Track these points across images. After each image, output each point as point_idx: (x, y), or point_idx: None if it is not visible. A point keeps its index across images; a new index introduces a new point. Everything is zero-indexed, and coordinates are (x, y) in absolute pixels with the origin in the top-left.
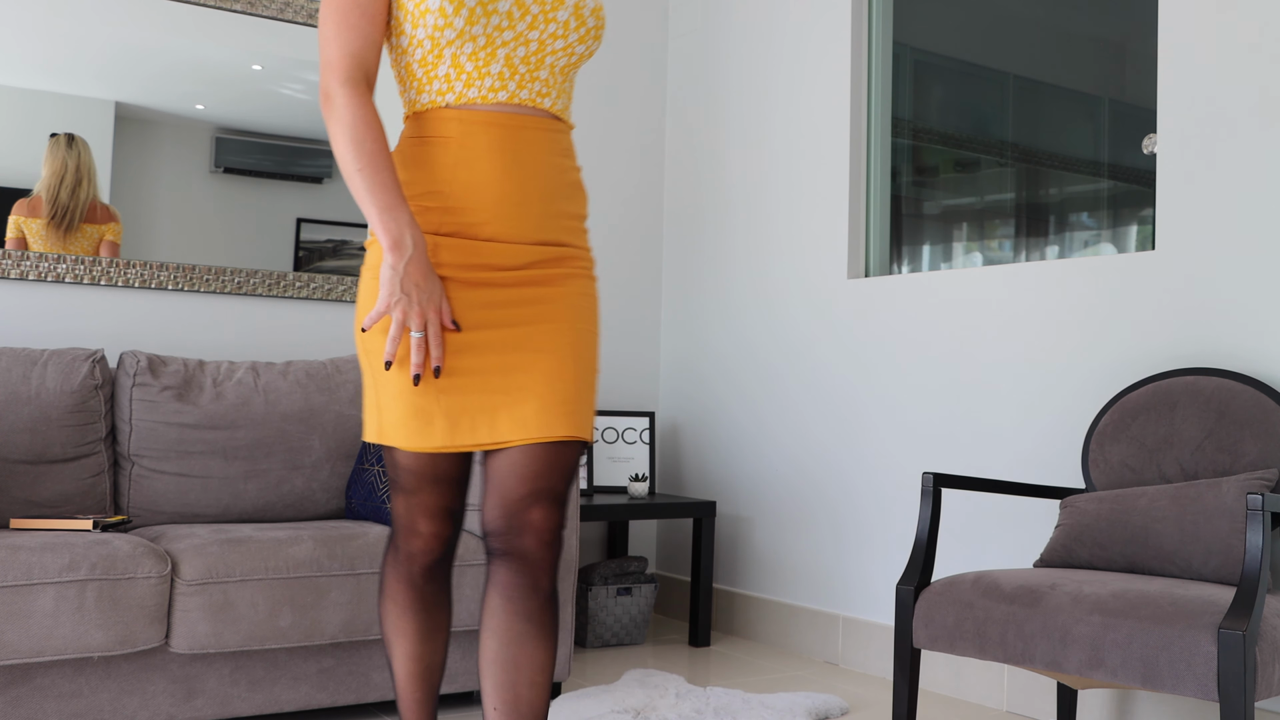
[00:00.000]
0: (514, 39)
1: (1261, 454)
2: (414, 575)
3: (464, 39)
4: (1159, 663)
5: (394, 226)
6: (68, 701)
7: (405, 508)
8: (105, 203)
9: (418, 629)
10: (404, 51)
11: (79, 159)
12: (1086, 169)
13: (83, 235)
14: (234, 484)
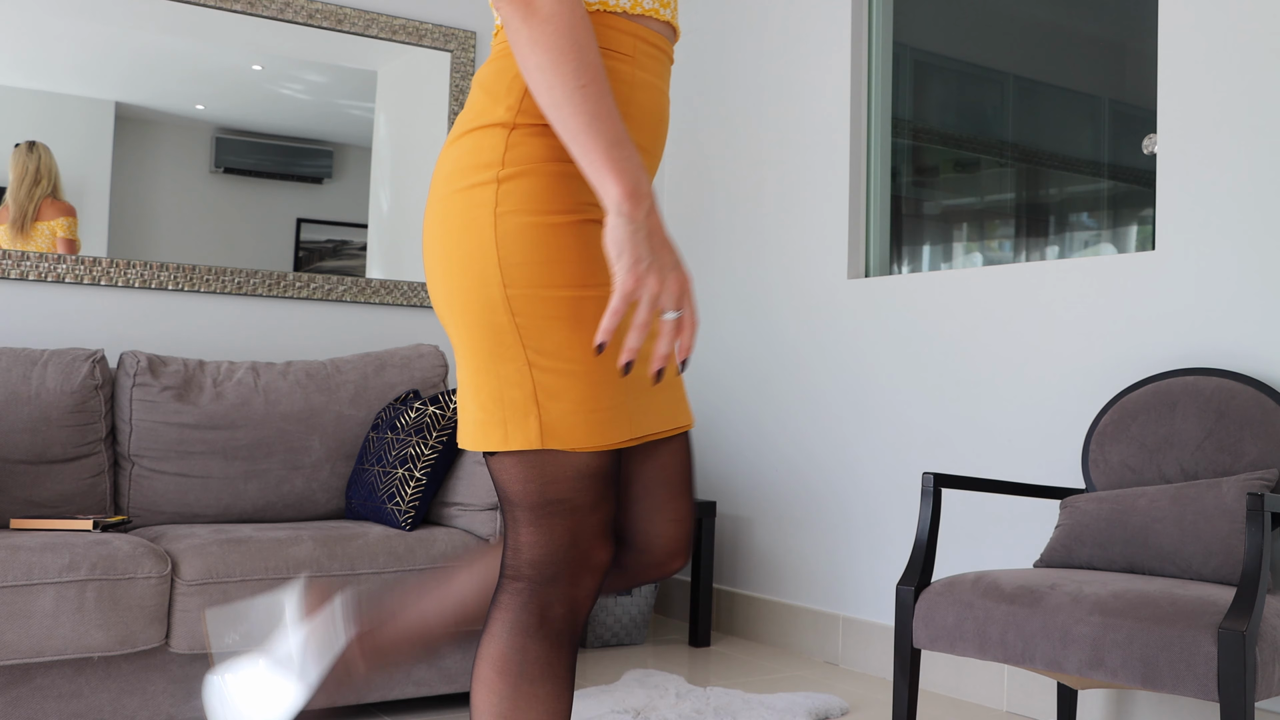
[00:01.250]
0: None
1: (1261, 454)
2: (575, 631)
3: None
4: (1159, 663)
5: (629, 166)
6: (68, 702)
7: (577, 535)
8: (62, 199)
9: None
10: None
11: (39, 161)
12: (1086, 169)
13: (37, 233)
14: (234, 484)
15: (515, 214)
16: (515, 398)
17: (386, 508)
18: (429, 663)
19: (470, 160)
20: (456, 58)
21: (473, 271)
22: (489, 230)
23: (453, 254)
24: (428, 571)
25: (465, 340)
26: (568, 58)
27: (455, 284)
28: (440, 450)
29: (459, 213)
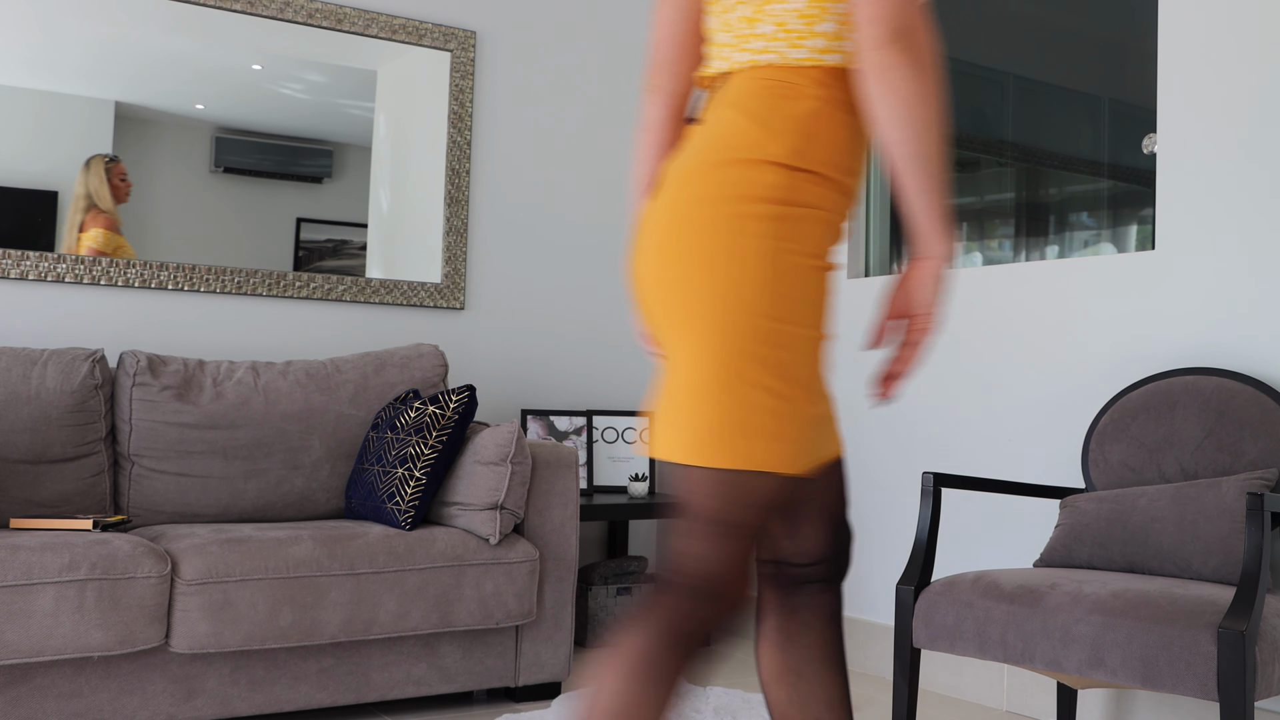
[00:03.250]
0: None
1: (1261, 454)
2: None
3: None
4: (1159, 662)
5: (947, 218)
6: (67, 701)
7: (747, 557)
8: (107, 211)
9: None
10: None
11: (87, 177)
12: (1086, 169)
13: (80, 245)
14: (234, 484)
15: (794, 254)
16: (745, 420)
17: (386, 507)
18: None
19: (742, 191)
20: (456, 57)
21: (734, 296)
22: (765, 264)
23: (710, 273)
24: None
25: (703, 356)
26: (938, 118)
27: (706, 302)
28: (440, 450)
29: (725, 236)
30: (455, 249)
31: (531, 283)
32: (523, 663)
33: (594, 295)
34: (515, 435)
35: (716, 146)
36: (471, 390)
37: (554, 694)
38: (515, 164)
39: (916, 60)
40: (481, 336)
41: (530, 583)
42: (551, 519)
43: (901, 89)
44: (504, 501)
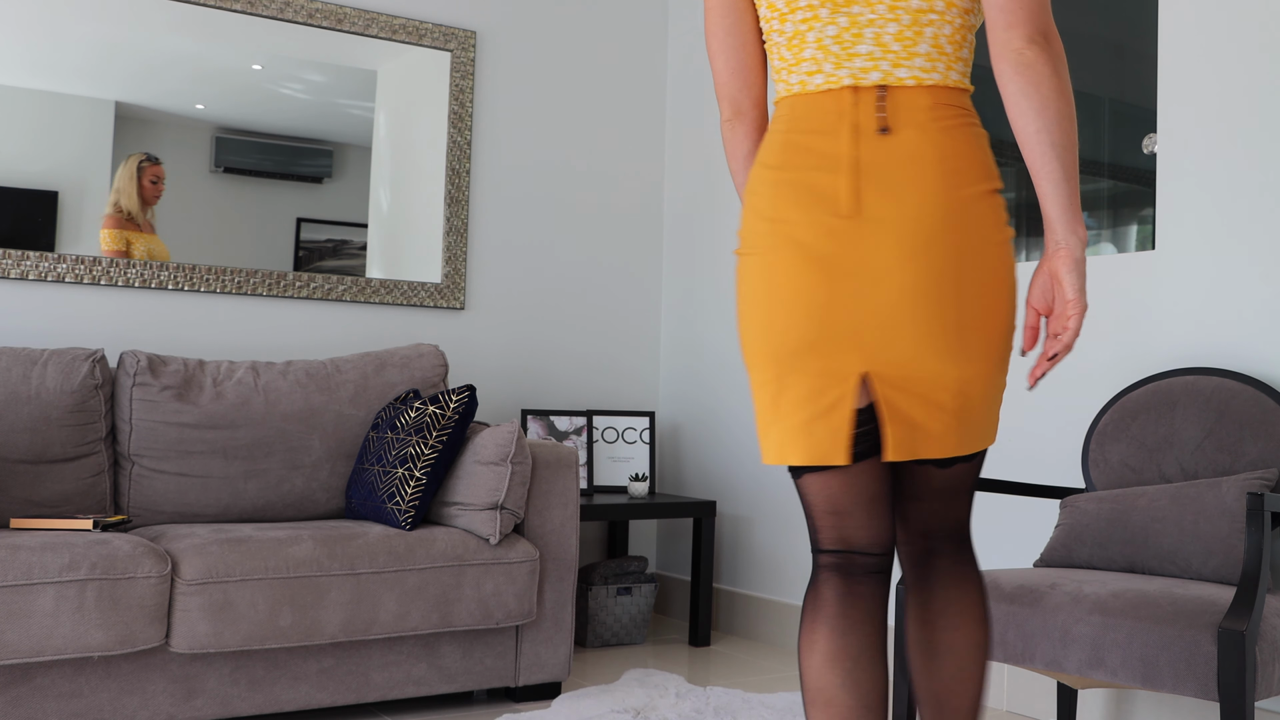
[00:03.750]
0: None
1: (1261, 454)
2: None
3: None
4: (1159, 662)
5: (1080, 208)
6: (68, 701)
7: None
8: (117, 212)
9: None
10: (970, 13)
11: (115, 178)
12: (1086, 169)
13: (101, 243)
14: (234, 484)
15: (1014, 266)
16: (998, 403)
17: (386, 507)
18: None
19: (998, 218)
20: (456, 57)
21: (1007, 308)
22: (1013, 279)
23: (1007, 287)
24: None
25: (994, 358)
26: (1073, 113)
27: (994, 314)
28: (440, 450)
29: (999, 261)
30: (455, 249)
31: (531, 283)
32: (523, 663)
33: (594, 295)
34: (515, 435)
35: (972, 172)
36: (471, 390)
37: (554, 694)
38: (515, 164)
39: (1056, 58)
40: (481, 336)
41: (530, 583)
42: (551, 519)
43: (1044, 84)
44: (504, 501)
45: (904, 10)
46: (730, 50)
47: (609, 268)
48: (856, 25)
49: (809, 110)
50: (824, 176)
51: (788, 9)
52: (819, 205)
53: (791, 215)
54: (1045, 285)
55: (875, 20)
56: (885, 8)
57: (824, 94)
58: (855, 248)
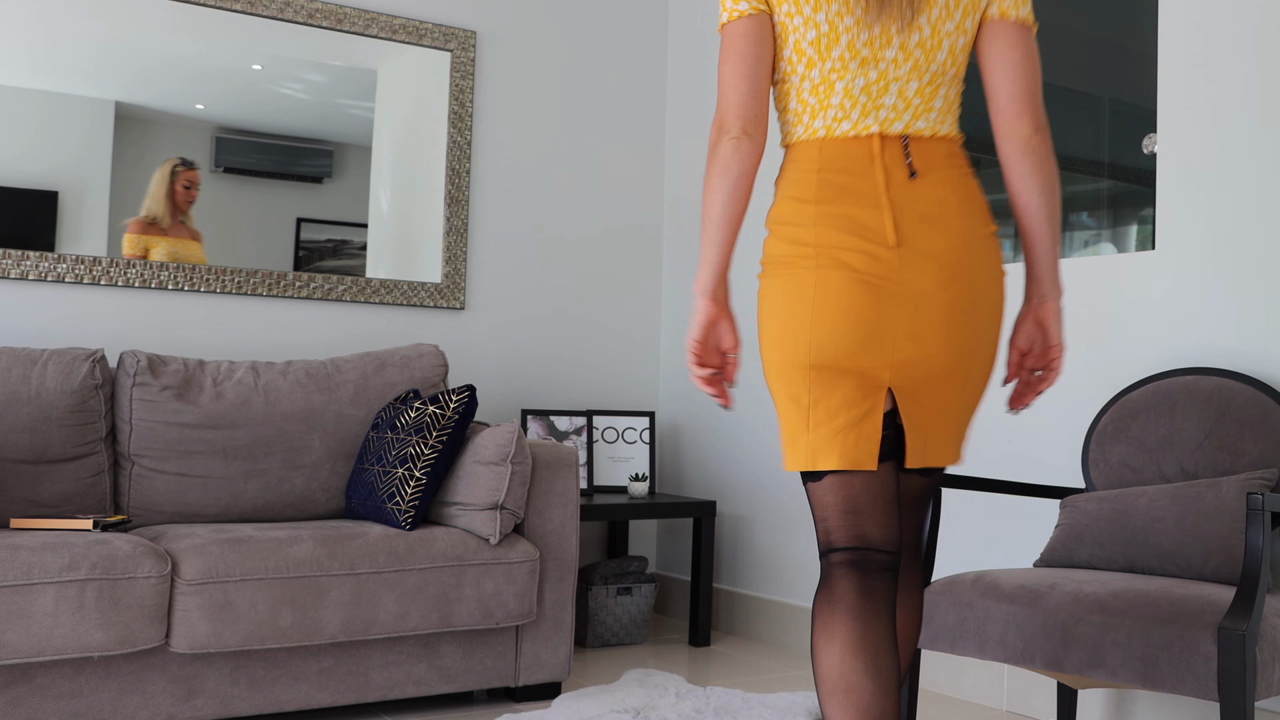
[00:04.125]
0: None
1: (1262, 453)
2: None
3: None
4: (1159, 662)
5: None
6: (68, 701)
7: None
8: (142, 217)
9: None
10: (962, 77)
11: (148, 183)
12: (1086, 169)
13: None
14: (234, 484)
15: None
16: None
17: (386, 507)
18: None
19: (1000, 257)
20: (456, 57)
21: (998, 339)
22: (1003, 315)
23: (996, 323)
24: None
25: (986, 382)
26: (1060, 192)
27: (993, 343)
28: (440, 450)
29: (1000, 296)
30: (455, 249)
31: (531, 283)
32: (523, 663)
33: (594, 295)
34: (515, 435)
35: (985, 216)
36: (471, 390)
37: (554, 694)
38: (515, 164)
39: (1050, 143)
40: (481, 336)
41: (530, 583)
42: (551, 519)
43: (1045, 166)
44: (504, 501)
45: (924, 70)
46: (754, 77)
47: (609, 268)
48: (884, 79)
49: (839, 153)
50: (865, 211)
51: (819, 58)
52: (865, 235)
53: (840, 241)
54: (1030, 331)
55: (900, 77)
56: (909, 67)
57: (853, 140)
58: (899, 273)
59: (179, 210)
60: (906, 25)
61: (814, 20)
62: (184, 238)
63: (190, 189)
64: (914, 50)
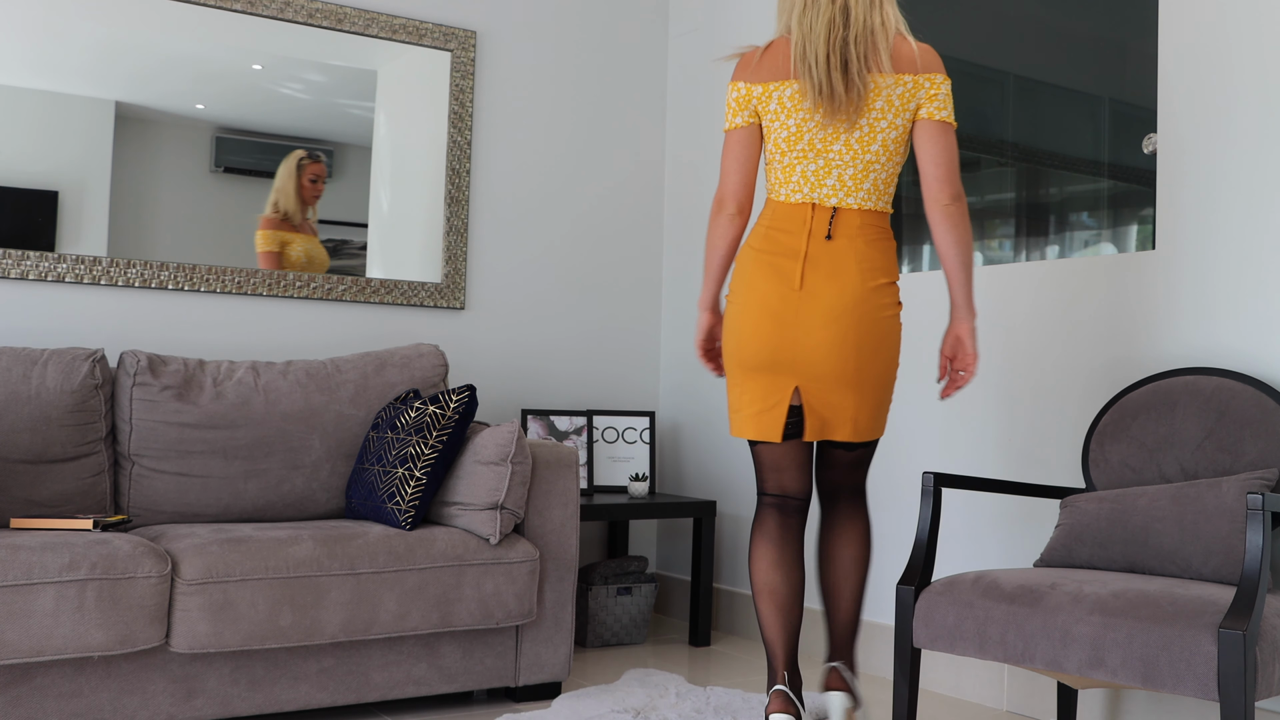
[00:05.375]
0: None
1: (1262, 453)
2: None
3: None
4: (1159, 662)
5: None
6: (67, 701)
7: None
8: (272, 213)
9: None
10: (897, 162)
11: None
12: (1087, 169)
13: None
14: (234, 484)
15: (900, 330)
16: (885, 413)
17: (386, 507)
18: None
19: (891, 300)
20: (457, 57)
21: (896, 353)
22: (896, 336)
23: (891, 344)
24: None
25: (880, 390)
26: (971, 236)
27: (882, 361)
28: (440, 450)
29: (891, 329)
30: (455, 249)
31: (531, 283)
32: (523, 663)
33: (594, 295)
34: (515, 435)
35: (877, 271)
36: (471, 390)
37: (554, 694)
38: (515, 164)
39: (965, 210)
40: (481, 336)
41: (530, 583)
42: (551, 519)
43: (958, 226)
44: (504, 501)
45: (859, 160)
46: (746, 170)
47: (609, 268)
48: (829, 165)
49: (785, 215)
50: (786, 261)
51: (788, 148)
52: (780, 280)
53: (763, 284)
54: (953, 342)
55: (840, 165)
56: (849, 156)
57: (795, 206)
58: (798, 311)
59: (306, 205)
60: (851, 126)
61: (786, 124)
62: (310, 234)
63: (316, 183)
64: (854, 144)
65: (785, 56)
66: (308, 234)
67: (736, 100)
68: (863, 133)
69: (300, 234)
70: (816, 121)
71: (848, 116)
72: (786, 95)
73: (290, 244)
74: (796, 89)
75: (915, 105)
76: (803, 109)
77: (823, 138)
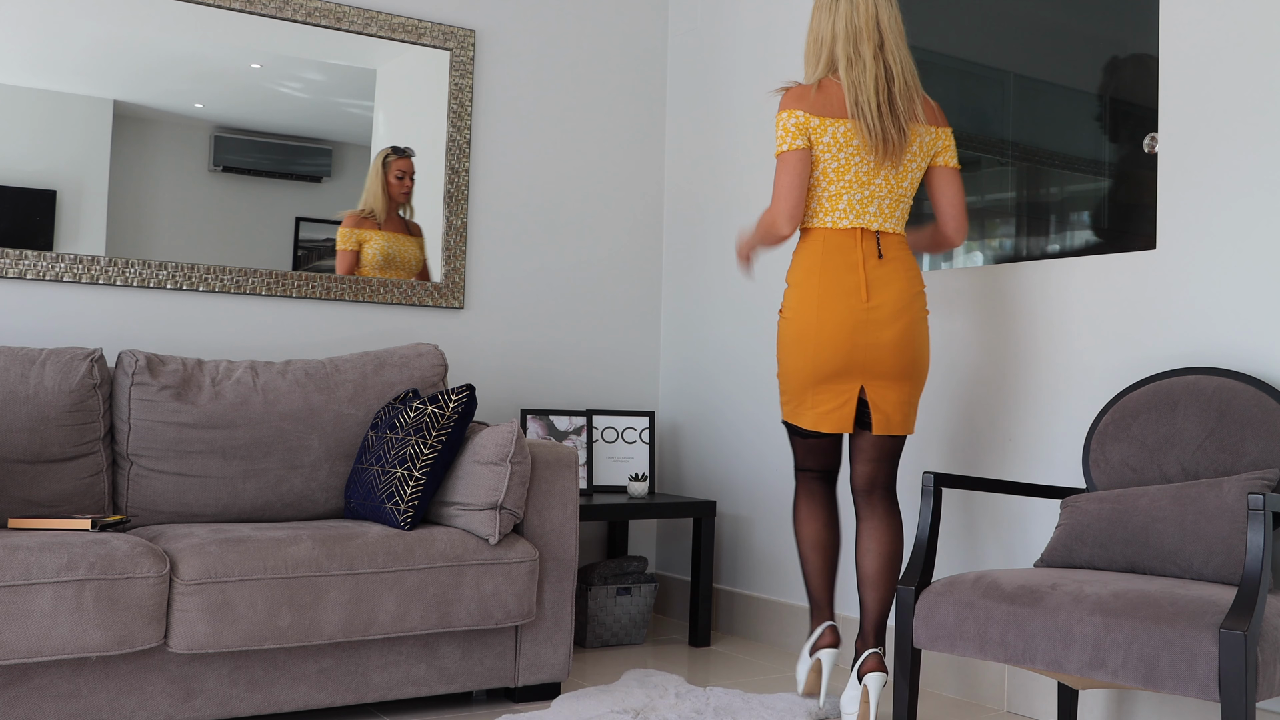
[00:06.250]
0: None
1: (1263, 453)
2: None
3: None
4: (1160, 663)
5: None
6: (66, 702)
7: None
8: (354, 210)
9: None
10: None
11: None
12: (1087, 169)
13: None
14: (232, 483)
15: (928, 333)
16: (917, 408)
17: (385, 507)
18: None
19: (925, 305)
20: (456, 56)
21: (927, 354)
22: (928, 338)
23: (927, 340)
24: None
25: (921, 384)
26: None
27: (923, 358)
28: (440, 450)
29: (925, 328)
30: (455, 249)
31: (531, 282)
32: (522, 663)
33: (594, 295)
34: (515, 435)
35: (915, 280)
36: (471, 390)
37: (553, 694)
38: (515, 163)
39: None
40: (481, 336)
41: (530, 583)
42: (551, 519)
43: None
44: (503, 501)
45: (894, 192)
46: (801, 189)
47: (609, 267)
48: (872, 197)
49: (839, 240)
50: (850, 277)
51: (837, 178)
52: (849, 295)
53: (834, 302)
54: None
55: (880, 196)
56: (886, 190)
57: (846, 231)
58: (867, 320)
59: (394, 203)
60: (891, 166)
61: (837, 156)
62: (399, 232)
63: (403, 179)
64: (891, 180)
65: (838, 99)
66: (395, 231)
67: (796, 125)
68: (899, 171)
69: (382, 232)
70: (863, 158)
71: (891, 159)
72: (840, 132)
73: (368, 243)
74: (848, 128)
75: (934, 152)
76: (852, 145)
77: (867, 171)
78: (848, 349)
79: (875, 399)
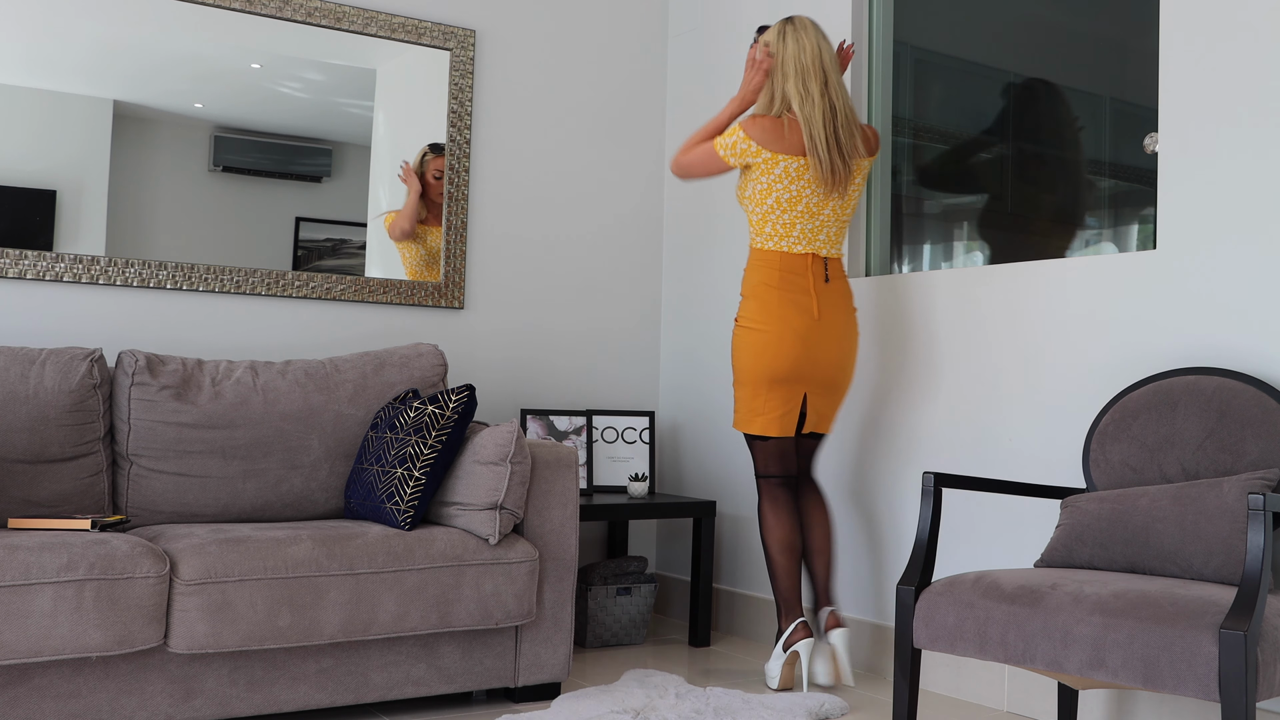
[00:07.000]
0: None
1: (1263, 454)
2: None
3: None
4: (1160, 663)
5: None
6: (66, 702)
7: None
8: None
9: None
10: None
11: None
12: (1087, 169)
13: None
14: (232, 483)
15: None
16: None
17: (385, 507)
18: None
19: (857, 320)
20: (456, 56)
21: (854, 365)
22: (857, 350)
23: (854, 358)
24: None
25: (848, 385)
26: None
27: (852, 369)
28: (439, 450)
29: (855, 342)
30: (454, 248)
31: (531, 282)
32: (522, 663)
33: (594, 295)
34: (515, 435)
35: (851, 300)
36: (471, 390)
37: (553, 694)
38: (515, 163)
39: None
40: (481, 336)
41: (530, 583)
42: (551, 519)
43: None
44: (503, 501)
45: (839, 219)
46: (705, 177)
47: (609, 267)
48: (821, 224)
49: (793, 263)
50: (803, 298)
51: (789, 206)
52: (803, 312)
53: (792, 317)
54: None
55: (828, 224)
56: (833, 218)
57: (800, 256)
58: (819, 336)
59: (435, 204)
60: (838, 196)
61: (789, 188)
62: (438, 227)
63: (440, 179)
64: (838, 209)
65: (796, 136)
66: (435, 226)
67: (742, 150)
68: (844, 200)
69: (423, 227)
70: (814, 190)
71: (838, 190)
72: (793, 167)
73: (412, 239)
74: (800, 164)
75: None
76: (804, 179)
77: (817, 203)
78: (800, 357)
79: (815, 404)
